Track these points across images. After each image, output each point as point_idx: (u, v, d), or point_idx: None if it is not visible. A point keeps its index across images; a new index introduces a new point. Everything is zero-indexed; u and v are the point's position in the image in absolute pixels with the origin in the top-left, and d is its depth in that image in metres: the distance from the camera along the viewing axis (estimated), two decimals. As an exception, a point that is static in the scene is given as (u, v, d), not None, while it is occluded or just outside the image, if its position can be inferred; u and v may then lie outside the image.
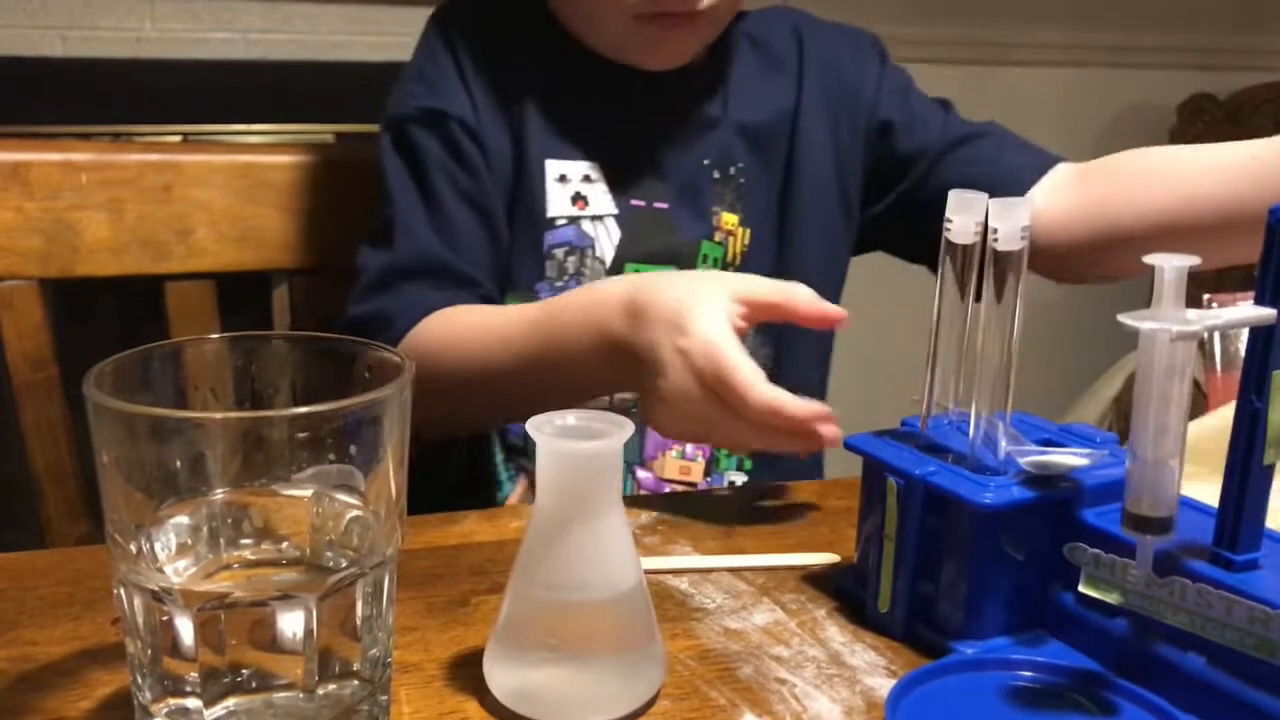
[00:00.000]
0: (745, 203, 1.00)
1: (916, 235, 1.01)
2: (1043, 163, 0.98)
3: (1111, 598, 0.54)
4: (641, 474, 0.96)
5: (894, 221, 1.05)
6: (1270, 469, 0.52)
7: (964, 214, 0.59)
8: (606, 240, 0.95)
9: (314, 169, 1.06)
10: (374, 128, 0.98)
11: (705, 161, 0.99)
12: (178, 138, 1.95)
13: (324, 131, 2.01)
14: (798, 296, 0.73)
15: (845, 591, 0.64)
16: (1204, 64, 2.64)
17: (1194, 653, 0.52)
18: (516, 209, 0.95)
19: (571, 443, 0.51)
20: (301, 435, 0.46)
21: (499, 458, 0.97)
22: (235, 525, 0.49)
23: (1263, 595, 0.49)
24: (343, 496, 0.48)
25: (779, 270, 1.00)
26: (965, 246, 0.59)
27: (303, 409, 0.45)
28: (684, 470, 0.96)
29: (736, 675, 0.56)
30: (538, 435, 0.51)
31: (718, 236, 0.98)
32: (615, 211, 0.96)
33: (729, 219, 0.99)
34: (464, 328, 0.87)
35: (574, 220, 0.95)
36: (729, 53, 1.02)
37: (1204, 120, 2.51)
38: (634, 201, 0.96)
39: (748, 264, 0.99)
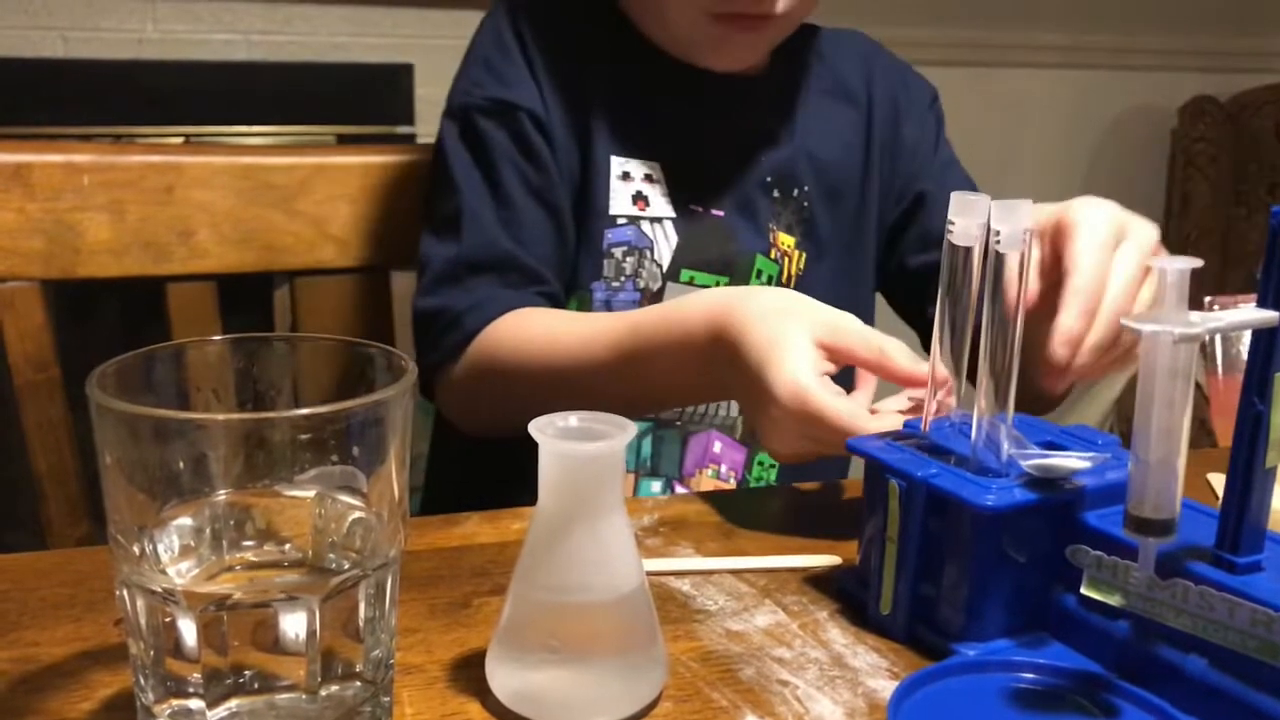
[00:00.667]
0: (806, 228, 0.99)
1: (908, 304, 1.06)
2: None
3: (1113, 600, 0.54)
4: (680, 490, 0.96)
5: (888, 283, 1.07)
6: (1272, 471, 0.52)
7: (966, 216, 0.59)
8: (664, 243, 0.94)
9: (315, 170, 1.06)
10: (375, 129, 0.99)
11: (767, 178, 0.98)
12: (179, 139, 1.95)
13: (325, 133, 2.02)
14: (894, 358, 0.70)
15: (847, 593, 0.64)
16: (1205, 66, 2.64)
17: (1196, 655, 0.52)
18: (579, 204, 0.94)
19: (573, 444, 0.51)
20: (304, 437, 0.46)
21: None
22: (238, 527, 0.49)
23: (1265, 598, 0.49)
24: (345, 498, 0.48)
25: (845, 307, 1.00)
26: (967, 249, 0.59)
27: (305, 410, 0.45)
28: (718, 488, 0.96)
29: (738, 677, 0.56)
30: (539, 437, 0.51)
31: (773, 254, 0.97)
32: (673, 215, 0.95)
33: (786, 240, 0.98)
34: (538, 335, 0.86)
35: (634, 220, 0.94)
36: (797, 67, 1.01)
37: (1205, 122, 2.51)
38: (692, 206, 0.96)
39: (802, 289, 0.98)
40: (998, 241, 0.56)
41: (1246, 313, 0.50)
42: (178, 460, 0.45)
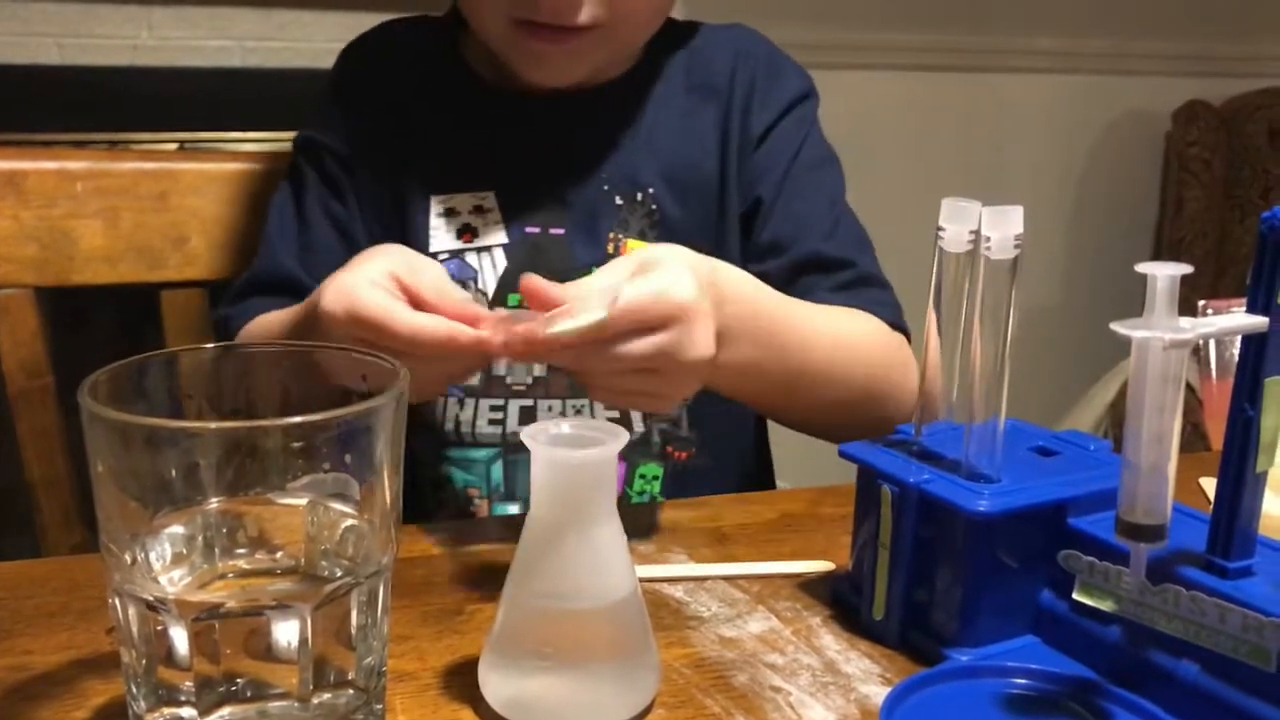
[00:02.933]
0: (660, 230, 0.96)
1: None
2: None
3: (1105, 605, 0.54)
4: None
5: None
6: (1263, 476, 0.52)
7: (957, 222, 0.59)
8: (490, 271, 0.94)
9: (310, 177, 1.06)
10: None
11: (605, 186, 0.96)
12: (173, 145, 1.95)
13: (320, 139, 2.01)
14: (421, 286, 0.70)
15: (840, 599, 0.64)
16: (1199, 71, 2.64)
17: (1188, 660, 0.52)
18: (399, 243, 0.95)
19: (565, 451, 0.52)
20: (296, 444, 0.46)
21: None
22: (230, 534, 0.49)
23: (1256, 602, 0.49)
24: (337, 505, 0.48)
25: None
26: (958, 255, 0.59)
27: (297, 418, 0.45)
28: None
29: (731, 683, 0.56)
30: (532, 444, 0.51)
31: None
32: (505, 241, 0.94)
33: (637, 245, 0.95)
34: (260, 328, 0.90)
35: (457, 254, 0.94)
36: (654, 70, 0.99)
37: (1198, 127, 2.52)
38: (529, 229, 0.95)
39: None
40: (989, 248, 0.56)
41: (1236, 318, 0.50)
42: (169, 468, 0.45)
